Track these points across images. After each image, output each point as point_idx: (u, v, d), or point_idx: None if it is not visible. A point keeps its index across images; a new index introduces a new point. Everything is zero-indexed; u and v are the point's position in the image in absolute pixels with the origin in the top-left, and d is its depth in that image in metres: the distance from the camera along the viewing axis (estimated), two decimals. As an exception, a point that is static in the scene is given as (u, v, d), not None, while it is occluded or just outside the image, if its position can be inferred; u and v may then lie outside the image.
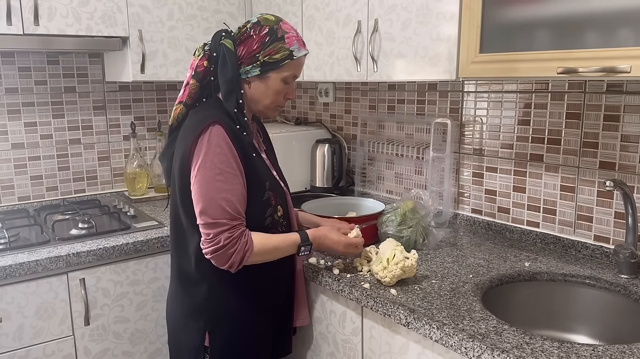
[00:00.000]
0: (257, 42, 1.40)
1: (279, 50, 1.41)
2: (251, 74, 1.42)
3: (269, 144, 1.65)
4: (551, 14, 1.35)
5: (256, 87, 1.45)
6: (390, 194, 2.35)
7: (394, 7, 1.77)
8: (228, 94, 1.41)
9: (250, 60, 1.41)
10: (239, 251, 1.35)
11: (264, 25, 1.42)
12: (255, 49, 1.40)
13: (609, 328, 1.48)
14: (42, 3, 1.93)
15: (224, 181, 1.35)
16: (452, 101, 2.06)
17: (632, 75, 1.21)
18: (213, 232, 1.34)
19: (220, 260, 1.36)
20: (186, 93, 1.46)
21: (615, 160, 1.62)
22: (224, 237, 1.34)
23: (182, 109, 1.47)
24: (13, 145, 2.28)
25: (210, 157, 1.34)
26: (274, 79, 1.43)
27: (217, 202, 1.34)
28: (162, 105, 2.63)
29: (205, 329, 1.45)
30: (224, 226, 1.34)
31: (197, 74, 1.45)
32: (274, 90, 1.45)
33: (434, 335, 1.25)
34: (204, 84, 1.47)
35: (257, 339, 1.52)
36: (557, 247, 1.77)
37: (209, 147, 1.35)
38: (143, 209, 2.28)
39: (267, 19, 1.43)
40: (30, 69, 2.28)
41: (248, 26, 1.43)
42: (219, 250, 1.34)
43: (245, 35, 1.42)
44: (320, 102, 2.67)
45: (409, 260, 1.45)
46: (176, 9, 2.23)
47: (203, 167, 1.35)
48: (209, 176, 1.34)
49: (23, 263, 1.68)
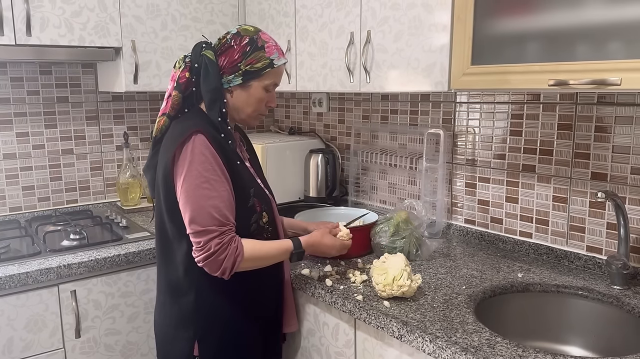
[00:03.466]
0: (238, 52, 1.43)
1: (260, 59, 1.44)
2: (233, 83, 1.44)
3: (253, 152, 1.67)
4: (542, 26, 1.36)
5: (238, 96, 1.47)
6: (384, 204, 2.35)
7: (386, 19, 1.78)
8: (211, 103, 1.43)
9: (232, 69, 1.43)
10: (230, 257, 1.37)
11: (244, 36, 1.44)
12: (237, 59, 1.43)
13: (602, 339, 1.48)
14: (34, 13, 1.93)
15: (210, 188, 1.36)
16: (444, 111, 2.06)
17: (623, 87, 1.22)
18: (203, 239, 1.35)
19: (212, 267, 1.37)
20: (169, 104, 1.47)
21: (607, 171, 1.63)
22: (214, 244, 1.35)
23: (166, 120, 1.48)
24: (5, 155, 2.27)
25: (195, 166, 1.36)
26: (255, 87, 1.46)
27: (206, 210, 1.35)
28: (155, 115, 2.62)
29: (194, 339, 1.45)
30: (214, 232, 1.36)
31: (179, 86, 1.46)
32: (256, 98, 1.48)
33: (427, 348, 1.24)
34: (186, 95, 1.48)
35: (247, 347, 1.52)
36: (550, 257, 1.77)
37: (193, 156, 1.36)
38: (135, 220, 2.27)
39: (246, 30, 1.46)
40: (22, 79, 2.27)
41: (228, 37, 1.45)
42: (210, 257, 1.35)
43: (226, 46, 1.44)
44: (313, 112, 2.67)
45: (413, 284, 1.44)
46: (169, 19, 2.23)
47: (189, 176, 1.36)
48: (195, 184, 1.36)
49: (13, 275, 1.66)
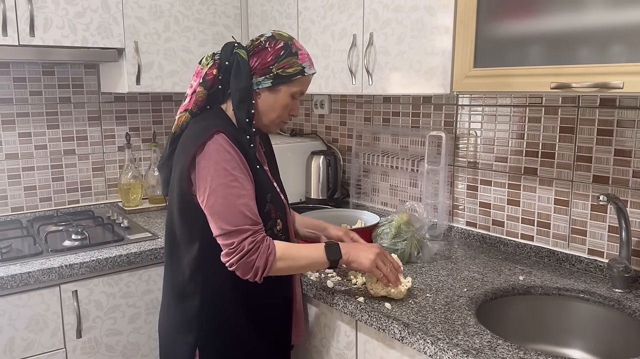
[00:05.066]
0: (271, 55, 1.41)
1: (292, 65, 1.42)
2: (262, 85, 1.42)
3: (272, 156, 1.63)
4: (545, 29, 1.36)
5: (265, 100, 1.44)
6: (385, 206, 2.35)
7: (389, 21, 1.78)
8: (240, 102, 1.40)
9: (263, 71, 1.41)
10: (262, 255, 1.32)
11: (279, 40, 1.43)
12: (270, 61, 1.41)
13: (603, 343, 1.48)
14: (38, 14, 1.93)
15: (240, 186, 1.33)
16: (446, 114, 2.07)
17: (625, 91, 1.22)
18: (237, 240, 1.30)
19: (244, 268, 1.32)
20: (192, 101, 1.44)
21: (609, 174, 1.63)
22: (248, 243, 1.31)
23: (188, 116, 1.45)
24: (7, 155, 2.27)
25: (223, 165, 1.32)
26: (284, 93, 1.44)
27: (237, 209, 1.31)
28: (158, 116, 2.63)
29: (195, 345, 1.42)
30: (247, 231, 1.31)
31: (205, 82, 1.43)
32: (282, 104, 1.45)
33: (428, 350, 1.24)
34: (211, 92, 1.45)
35: (251, 358, 1.47)
36: (551, 260, 1.77)
37: (219, 154, 1.33)
38: (137, 221, 2.27)
39: (281, 35, 1.45)
40: (25, 79, 2.28)
41: (262, 39, 1.44)
42: (244, 256, 1.30)
43: (259, 47, 1.42)
44: (315, 113, 2.68)
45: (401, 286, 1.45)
46: (172, 21, 2.24)
47: (216, 175, 1.32)
48: (224, 183, 1.32)
49: (15, 275, 1.66)
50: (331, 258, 1.40)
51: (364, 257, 1.42)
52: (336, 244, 1.43)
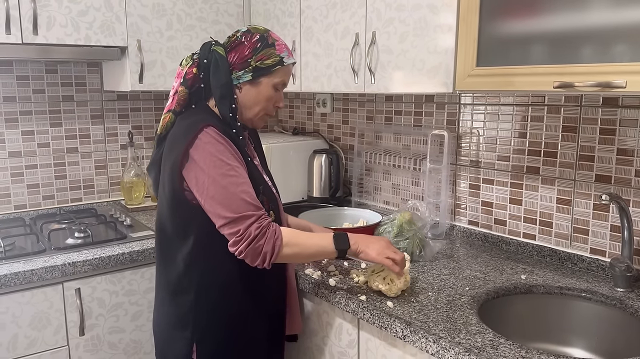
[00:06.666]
0: (248, 48, 1.43)
1: (270, 56, 1.44)
2: (243, 79, 1.44)
3: (261, 151, 1.65)
4: (547, 28, 1.36)
5: (247, 93, 1.46)
6: (387, 205, 2.36)
7: (391, 20, 1.78)
8: (222, 98, 1.42)
9: (242, 65, 1.43)
10: (269, 240, 1.32)
11: (255, 33, 1.45)
12: (247, 55, 1.43)
13: (605, 342, 1.48)
14: (41, 13, 1.94)
15: (237, 175, 1.34)
16: (449, 112, 2.07)
17: (628, 90, 1.22)
18: (242, 226, 1.31)
19: (253, 254, 1.32)
20: (175, 101, 1.46)
21: (611, 173, 1.63)
22: (254, 228, 1.31)
23: (172, 116, 1.46)
24: (10, 153, 2.28)
25: (217, 156, 1.33)
26: (265, 85, 1.45)
27: (238, 196, 1.32)
28: (160, 114, 2.62)
29: (192, 340, 1.43)
30: (251, 217, 1.32)
31: (185, 81, 1.45)
32: (264, 96, 1.46)
33: (431, 348, 1.25)
34: (192, 91, 1.47)
35: (248, 350, 1.49)
36: (554, 259, 1.77)
37: (212, 146, 1.34)
38: (139, 219, 2.28)
39: (257, 28, 1.47)
40: (28, 77, 2.28)
41: (238, 34, 1.46)
42: (252, 242, 1.30)
43: (236, 42, 1.44)
44: (317, 112, 2.68)
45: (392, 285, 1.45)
46: (175, 19, 2.24)
47: (212, 166, 1.33)
48: (221, 173, 1.32)
49: (18, 273, 1.67)
50: (339, 248, 1.40)
51: (372, 248, 1.42)
52: (345, 234, 1.43)
